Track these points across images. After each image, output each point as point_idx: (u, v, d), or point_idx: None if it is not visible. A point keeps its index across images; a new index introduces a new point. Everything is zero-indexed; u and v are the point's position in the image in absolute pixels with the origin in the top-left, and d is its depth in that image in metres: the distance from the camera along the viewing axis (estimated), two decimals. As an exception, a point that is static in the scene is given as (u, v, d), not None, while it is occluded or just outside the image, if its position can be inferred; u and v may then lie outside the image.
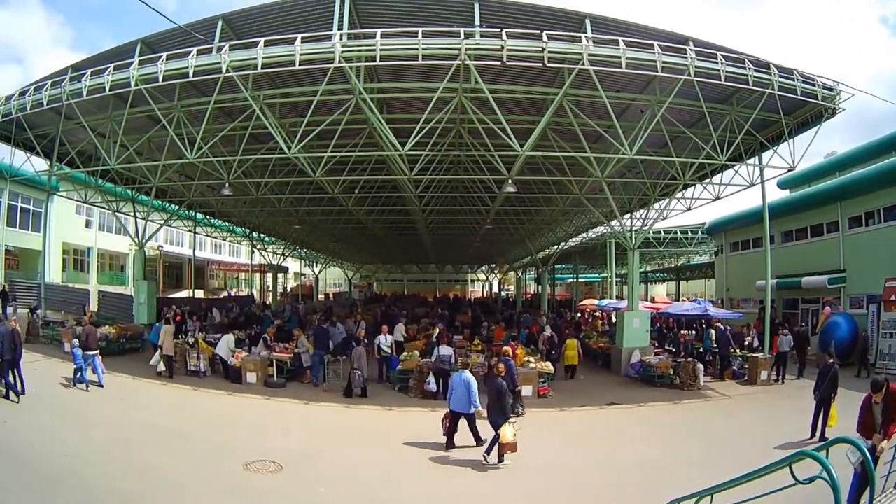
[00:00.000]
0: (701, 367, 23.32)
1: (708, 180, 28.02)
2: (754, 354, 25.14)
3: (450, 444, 14.39)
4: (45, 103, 21.93)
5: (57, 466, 11.34)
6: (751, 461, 7.13)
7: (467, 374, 14.83)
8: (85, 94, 20.44)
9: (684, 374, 22.68)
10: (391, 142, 20.00)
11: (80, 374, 19.27)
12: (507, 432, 13.10)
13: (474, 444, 14.31)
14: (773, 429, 16.47)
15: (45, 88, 21.91)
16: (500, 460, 13.18)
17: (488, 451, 13.23)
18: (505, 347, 21.02)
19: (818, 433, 15.20)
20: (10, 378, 16.59)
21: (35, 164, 29.80)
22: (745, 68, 18.39)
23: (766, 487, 6.16)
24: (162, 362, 22.71)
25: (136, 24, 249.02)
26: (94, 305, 36.70)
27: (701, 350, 27.11)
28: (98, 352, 20.46)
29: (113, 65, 19.77)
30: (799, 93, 19.64)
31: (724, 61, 18.00)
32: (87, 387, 19.18)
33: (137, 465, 11.83)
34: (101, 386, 19.65)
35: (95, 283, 53.47)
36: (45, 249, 34.04)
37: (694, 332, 31.74)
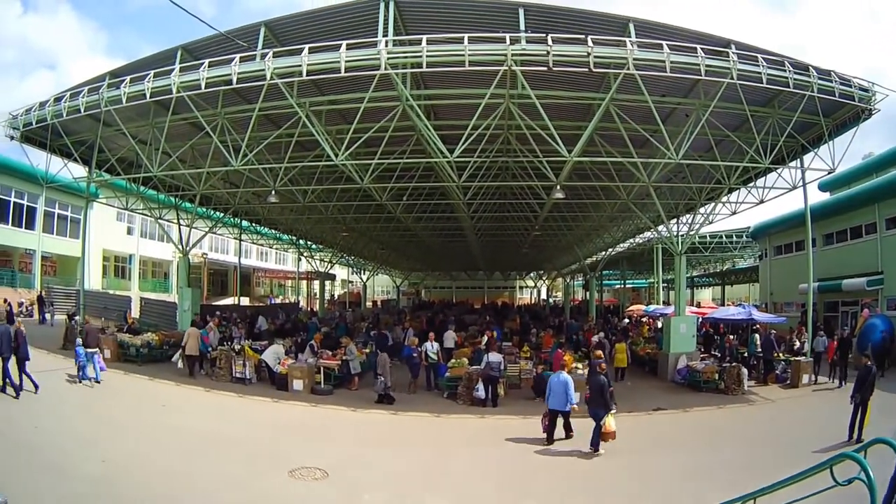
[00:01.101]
0: (745, 371, 23.18)
1: (752, 184, 27.64)
2: (796, 358, 24.87)
3: (550, 439, 15.47)
4: (82, 110, 21.87)
5: (93, 473, 11.30)
6: (791, 464, 7.65)
7: (565, 375, 16.15)
8: (124, 100, 20.38)
9: (729, 378, 22.49)
10: (439, 148, 19.93)
11: (82, 371, 20.07)
12: (610, 422, 14.61)
13: (564, 437, 15.75)
14: (813, 432, 16.39)
15: (81, 95, 21.86)
16: (597, 448, 14.47)
17: (594, 442, 14.50)
18: (597, 352, 21.66)
19: (855, 435, 15.12)
20: (11, 375, 16.86)
21: (73, 171, 29.91)
22: (785, 70, 18.13)
23: (806, 489, 6.13)
24: (181, 360, 23.49)
25: (173, 30, 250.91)
26: (135, 312, 36.68)
27: (745, 354, 26.84)
28: (98, 349, 21.41)
29: (153, 71, 19.74)
30: (837, 94, 19.35)
31: (764, 64, 17.72)
32: (92, 383, 20.04)
33: (180, 473, 11.83)
34: (98, 382, 20.29)
35: (137, 289, 53.90)
36: (83, 256, 33.79)
37: (737, 336, 31.43)
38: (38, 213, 44.89)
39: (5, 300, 30.75)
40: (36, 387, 17.29)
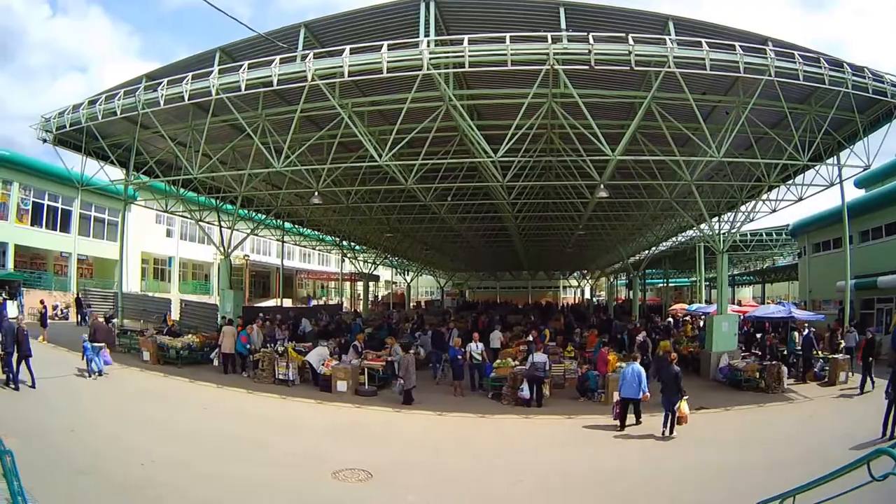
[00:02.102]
0: (785, 369, 23.02)
1: (791, 181, 27.54)
2: (834, 356, 24.66)
3: (623, 426, 16.71)
4: (118, 112, 22.04)
5: (133, 476, 11.30)
6: (826, 460, 8.36)
7: (637, 366, 17.28)
8: (162, 103, 20.56)
9: (770, 377, 22.29)
10: (483, 148, 19.89)
11: (90, 364, 21.11)
12: (684, 407, 16.38)
13: (635, 423, 16.97)
14: (849, 430, 16.14)
15: (117, 97, 22.02)
16: (672, 431, 15.90)
17: (670, 426, 15.93)
18: (668, 351, 21.74)
19: (889, 431, 14.98)
20: (15, 370, 17.67)
21: (110, 174, 30.07)
22: (820, 67, 18.01)
23: (842, 486, 6.06)
24: (217, 358, 24.23)
25: (209, 33, 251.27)
26: (175, 314, 36.95)
27: (785, 352, 26.62)
28: (104, 344, 22.16)
29: (191, 74, 19.86)
30: (870, 91, 19.17)
31: (801, 61, 17.65)
32: (97, 376, 21.03)
33: (221, 476, 11.80)
34: (102, 374, 21.24)
35: (177, 291, 54.27)
36: (121, 258, 34.22)
37: (777, 334, 31.23)
38: (73, 215, 45.28)
39: (41, 301, 31.00)
40: (33, 382, 18.03)
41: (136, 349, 26.39)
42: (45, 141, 26.17)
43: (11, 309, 35.78)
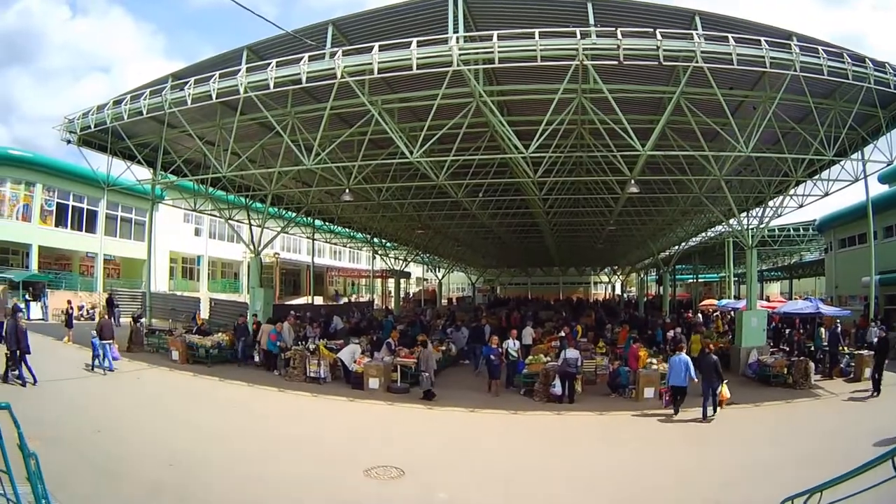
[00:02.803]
0: (812, 365, 23.04)
1: (817, 176, 27.36)
2: (860, 352, 24.56)
3: (676, 411, 18.03)
4: (144, 112, 22.24)
5: (159, 477, 11.27)
6: (852, 456, 7.83)
7: (685, 356, 18.57)
8: (189, 102, 20.72)
9: (797, 373, 22.24)
10: (514, 144, 19.91)
11: (97, 360, 22.03)
12: (724, 391, 18.34)
13: (674, 412, 18.07)
14: (874, 425, 16.10)
15: (143, 97, 22.20)
16: (714, 412, 17.55)
17: (712, 408, 17.54)
18: (705, 339, 22.79)
19: None
20: (18, 368, 18.57)
21: (137, 174, 30.29)
22: (844, 62, 18.02)
23: (868, 481, 6.09)
24: (258, 355, 24.87)
25: (233, 32, 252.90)
26: (204, 313, 36.91)
27: (812, 348, 26.62)
28: (112, 341, 22.92)
29: (218, 72, 19.99)
30: (892, 86, 19.15)
31: (825, 56, 17.63)
32: (106, 371, 22.00)
33: (252, 475, 11.80)
34: (112, 370, 22.23)
35: (206, 290, 54.61)
36: (149, 258, 34.40)
37: (805, 330, 31.13)
38: (99, 216, 45.80)
39: (69, 302, 31.21)
40: (35, 379, 18.52)
41: (165, 349, 26.46)
42: (69, 142, 26.40)
43: (35, 310, 36.21)
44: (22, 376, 18.42)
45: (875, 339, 23.94)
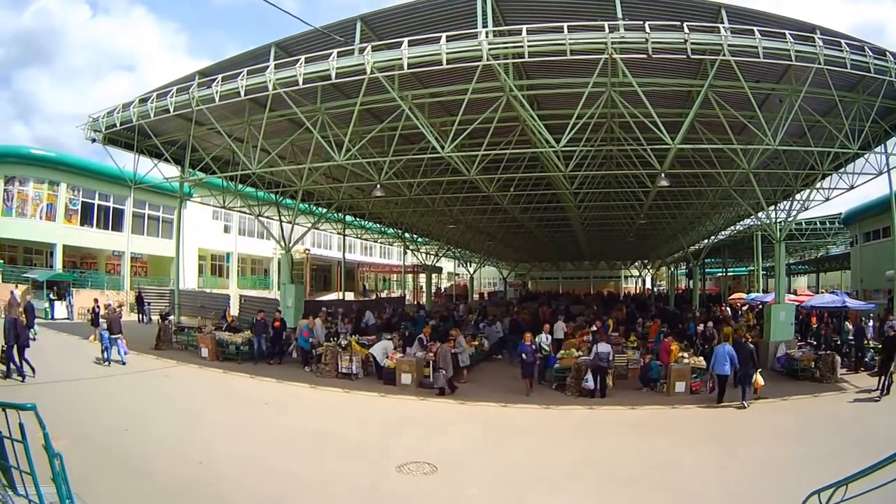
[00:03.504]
0: (839, 359, 23.04)
1: (842, 169, 27.39)
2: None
3: (720, 399, 18.88)
4: (171, 110, 22.48)
5: (186, 476, 11.32)
6: (875, 449, 8.33)
7: (729, 347, 19.43)
8: (217, 99, 20.84)
9: (824, 366, 22.27)
10: (545, 138, 19.93)
11: (106, 353, 22.60)
12: (758, 378, 19.01)
13: (717, 400, 18.96)
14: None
15: (170, 95, 22.40)
16: (747, 398, 18.40)
17: (745, 396, 18.41)
18: (727, 329, 23.68)
19: None
20: (17, 361, 18.83)
21: (164, 172, 30.49)
22: (865, 56, 18.05)
23: (891, 474, 6.28)
24: (296, 351, 25.21)
25: (259, 29, 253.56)
26: (234, 310, 37.12)
27: (838, 342, 26.53)
28: (121, 335, 23.32)
29: (247, 69, 20.12)
30: (912, 80, 19.10)
31: (847, 49, 17.65)
32: (120, 364, 22.59)
33: (284, 472, 11.84)
34: (124, 363, 22.67)
35: (236, 287, 55.06)
36: (178, 256, 34.50)
37: (832, 323, 31.04)
38: (125, 214, 46.10)
39: (95, 300, 31.44)
40: (33, 371, 18.99)
41: (194, 346, 26.55)
42: (94, 140, 26.62)
43: (60, 309, 36.49)
44: (21, 371, 18.77)
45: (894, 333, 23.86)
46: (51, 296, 37.15)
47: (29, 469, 5.93)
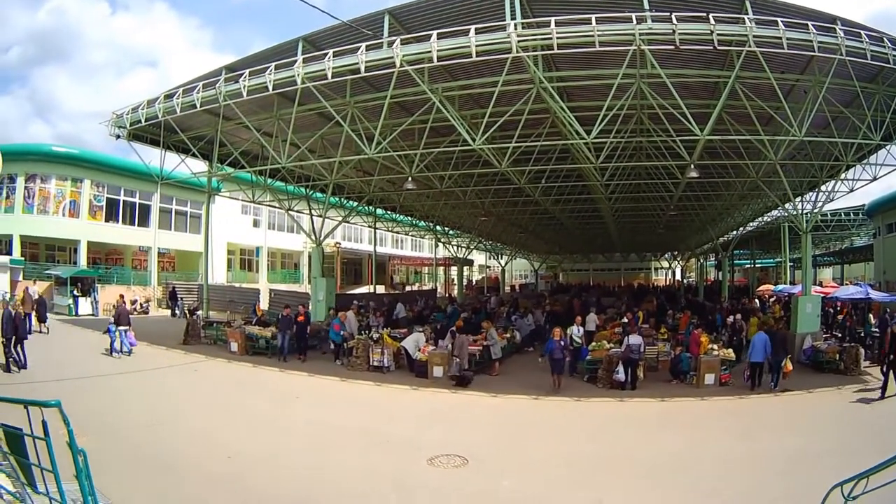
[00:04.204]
0: (862, 351, 23.06)
1: (866, 160, 27.32)
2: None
3: (754, 386, 19.73)
4: (198, 105, 22.71)
5: (215, 471, 11.49)
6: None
7: (764, 334, 20.02)
8: (245, 94, 21.00)
9: (849, 359, 22.28)
10: (576, 130, 19.98)
11: (113, 344, 23.61)
12: (788, 364, 20.00)
13: (753, 386, 19.78)
14: None
15: (196, 90, 22.57)
16: (778, 384, 19.76)
17: (775, 382, 19.79)
18: (754, 320, 24.56)
19: None
20: (17, 353, 19.71)
21: (191, 167, 30.49)
22: (885, 47, 18.04)
23: None
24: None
25: (284, 23, 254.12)
26: (264, 304, 37.14)
27: (862, 334, 26.53)
28: (128, 327, 24.31)
29: (274, 64, 20.22)
30: (930, 71, 19.05)
31: (867, 40, 17.60)
32: (126, 355, 23.53)
33: (314, 466, 11.92)
34: (130, 354, 23.74)
35: (265, 281, 55.32)
36: (206, 250, 34.54)
37: (856, 315, 31.00)
38: (152, 210, 46.63)
39: (121, 296, 31.73)
40: (25, 363, 19.75)
41: (223, 340, 26.75)
42: (118, 137, 26.84)
43: (84, 305, 36.87)
44: (20, 362, 19.54)
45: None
46: (74, 292, 37.53)
47: (51, 466, 5.93)
